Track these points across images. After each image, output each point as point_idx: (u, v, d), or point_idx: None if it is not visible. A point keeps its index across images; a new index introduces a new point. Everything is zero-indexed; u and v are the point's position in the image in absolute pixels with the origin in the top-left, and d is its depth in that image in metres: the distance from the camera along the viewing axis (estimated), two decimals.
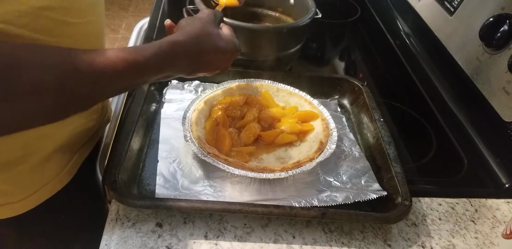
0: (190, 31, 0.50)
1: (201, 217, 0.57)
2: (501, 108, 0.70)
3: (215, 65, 0.55)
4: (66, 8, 0.48)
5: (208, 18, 0.54)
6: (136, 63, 0.41)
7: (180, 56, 0.48)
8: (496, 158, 0.71)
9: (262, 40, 0.80)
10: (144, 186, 0.60)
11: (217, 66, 0.55)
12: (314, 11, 0.81)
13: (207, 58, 0.52)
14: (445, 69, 0.88)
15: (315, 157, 0.61)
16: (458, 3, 0.84)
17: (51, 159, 0.59)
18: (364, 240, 0.57)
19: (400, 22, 1.08)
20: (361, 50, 1.11)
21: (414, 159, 0.75)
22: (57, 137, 0.58)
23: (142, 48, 0.44)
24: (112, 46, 2.57)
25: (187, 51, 0.48)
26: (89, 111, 0.65)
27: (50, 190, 0.62)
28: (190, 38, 0.49)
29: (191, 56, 0.49)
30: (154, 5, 1.08)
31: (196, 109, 0.67)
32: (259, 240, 0.55)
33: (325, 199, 0.59)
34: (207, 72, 0.56)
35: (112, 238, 0.53)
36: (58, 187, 0.63)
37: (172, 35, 0.49)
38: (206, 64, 0.53)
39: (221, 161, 0.59)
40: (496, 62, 0.71)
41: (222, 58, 0.55)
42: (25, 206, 0.60)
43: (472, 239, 0.59)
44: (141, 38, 1.04)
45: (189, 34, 0.49)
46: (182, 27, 0.52)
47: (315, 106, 0.72)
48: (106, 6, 3.24)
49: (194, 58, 0.50)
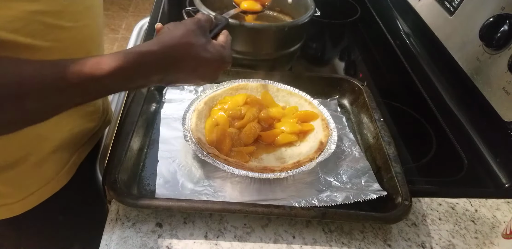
0: (166, 41, 0.46)
1: (201, 217, 0.57)
2: (501, 108, 0.70)
3: (198, 76, 0.52)
4: (59, 12, 0.47)
5: (193, 26, 0.50)
6: (91, 77, 0.39)
7: (150, 68, 0.45)
8: (496, 158, 0.71)
9: (264, 39, 0.80)
10: (144, 186, 0.60)
11: (200, 77, 0.52)
12: (313, 9, 0.81)
13: (185, 69, 0.49)
14: (445, 69, 0.88)
15: (315, 157, 0.61)
16: (458, 3, 0.84)
17: (49, 160, 0.59)
18: (364, 240, 0.57)
19: (400, 22, 1.08)
20: (361, 50, 1.11)
21: (414, 159, 0.75)
22: (54, 138, 0.58)
23: (103, 60, 0.41)
24: (112, 46, 2.57)
25: (158, 62, 0.45)
26: (88, 112, 0.65)
27: (49, 191, 0.62)
28: (164, 48, 0.46)
29: (163, 67, 0.46)
30: (154, 5, 1.08)
31: (196, 109, 0.67)
32: (259, 240, 0.55)
33: (325, 199, 0.59)
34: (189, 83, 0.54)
35: (112, 238, 0.53)
36: (57, 188, 0.63)
37: (145, 44, 0.46)
38: (185, 75, 0.50)
39: (221, 161, 0.59)
40: (496, 62, 0.71)
41: (206, 70, 0.51)
42: (23, 206, 0.60)
43: (472, 239, 0.59)
44: (141, 38, 1.04)
45: (164, 44, 0.46)
46: (160, 35, 0.48)
47: (315, 106, 0.72)
48: (106, 6, 3.24)
49: (167, 69, 0.47)
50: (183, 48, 0.47)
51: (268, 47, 0.81)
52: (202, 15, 0.53)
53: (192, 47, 0.48)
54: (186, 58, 0.48)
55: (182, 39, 0.47)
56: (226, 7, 0.89)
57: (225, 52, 0.52)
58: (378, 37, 1.11)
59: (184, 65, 0.48)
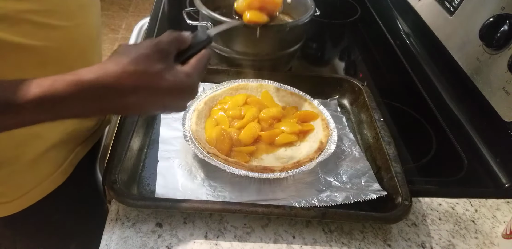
0: (109, 68, 0.39)
1: (201, 217, 0.57)
2: (501, 108, 0.69)
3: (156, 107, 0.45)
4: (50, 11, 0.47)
5: (148, 50, 0.42)
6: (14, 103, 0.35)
7: (83, 98, 0.39)
8: (496, 158, 0.71)
9: (264, 39, 0.79)
10: (144, 186, 0.60)
11: (159, 108, 0.45)
12: (314, 8, 0.81)
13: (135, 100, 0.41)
14: (445, 69, 0.88)
15: (315, 157, 0.61)
16: (458, 3, 0.84)
17: (44, 159, 0.59)
18: (364, 240, 0.57)
19: (400, 22, 1.08)
20: (361, 50, 1.10)
21: (414, 159, 0.75)
22: (48, 136, 0.58)
23: (26, 87, 0.36)
24: (112, 46, 2.57)
25: (94, 92, 0.39)
26: None
27: (44, 190, 0.62)
28: (106, 77, 0.39)
29: (102, 98, 0.40)
30: (154, 5, 1.08)
31: (196, 109, 0.67)
32: (259, 240, 0.55)
33: (325, 199, 0.59)
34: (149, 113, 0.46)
35: (112, 238, 0.53)
36: (52, 187, 0.62)
37: (83, 70, 0.39)
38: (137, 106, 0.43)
39: (221, 161, 0.59)
40: (496, 62, 0.71)
41: (164, 100, 0.44)
42: (18, 205, 0.60)
43: (472, 239, 0.59)
44: (141, 38, 1.04)
45: (107, 72, 0.39)
46: (108, 59, 0.41)
47: (315, 106, 0.72)
48: (106, 6, 3.24)
49: (108, 100, 0.40)
50: (128, 78, 0.40)
51: (268, 47, 0.81)
52: (168, 35, 0.45)
53: (142, 76, 0.41)
54: (133, 89, 0.41)
55: (129, 67, 0.40)
56: (227, 7, 0.89)
57: (189, 80, 0.44)
58: (378, 37, 1.11)
59: (132, 96, 0.41)
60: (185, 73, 0.44)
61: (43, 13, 0.46)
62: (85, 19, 0.53)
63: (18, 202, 0.59)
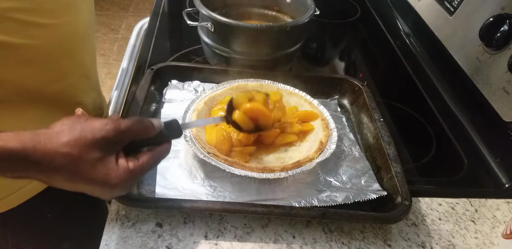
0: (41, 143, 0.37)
1: (201, 217, 0.57)
2: (501, 108, 0.70)
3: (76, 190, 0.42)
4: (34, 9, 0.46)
5: (91, 134, 0.39)
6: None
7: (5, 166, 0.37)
8: (496, 158, 0.71)
9: (264, 39, 0.79)
10: (144, 186, 0.60)
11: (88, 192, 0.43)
12: (314, 8, 0.81)
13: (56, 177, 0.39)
14: (445, 69, 0.88)
15: (315, 157, 0.61)
16: (458, 3, 0.84)
17: None
18: (364, 240, 0.57)
19: (400, 22, 1.08)
20: (361, 50, 1.11)
21: (414, 159, 0.75)
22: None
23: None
24: (112, 47, 2.57)
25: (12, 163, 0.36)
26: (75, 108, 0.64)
27: (36, 188, 0.61)
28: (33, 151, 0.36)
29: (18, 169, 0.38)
30: (154, 5, 1.08)
31: (196, 109, 0.67)
32: (259, 240, 0.55)
33: (325, 199, 0.59)
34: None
35: (112, 238, 0.53)
36: (41, 187, 0.62)
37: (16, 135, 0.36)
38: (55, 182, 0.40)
39: (221, 161, 0.59)
40: (496, 62, 0.71)
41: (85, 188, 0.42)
42: (6, 204, 0.60)
43: (472, 239, 0.59)
44: (141, 38, 1.04)
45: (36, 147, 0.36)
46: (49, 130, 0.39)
47: (315, 106, 0.72)
48: (106, 6, 3.23)
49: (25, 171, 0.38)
50: (57, 158, 0.37)
51: (268, 47, 0.81)
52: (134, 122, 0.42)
53: (73, 160, 0.38)
54: (57, 170, 0.38)
55: (63, 148, 0.37)
56: (226, 7, 0.89)
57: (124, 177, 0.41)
58: (378, 37, 1.11)
59: (54, 175, 0.38)
60: (125, 169, 0.41)
61: (28, 11, 0.46)
62: (73, 17, 0.53)
63: (5, 201, 0.59)
